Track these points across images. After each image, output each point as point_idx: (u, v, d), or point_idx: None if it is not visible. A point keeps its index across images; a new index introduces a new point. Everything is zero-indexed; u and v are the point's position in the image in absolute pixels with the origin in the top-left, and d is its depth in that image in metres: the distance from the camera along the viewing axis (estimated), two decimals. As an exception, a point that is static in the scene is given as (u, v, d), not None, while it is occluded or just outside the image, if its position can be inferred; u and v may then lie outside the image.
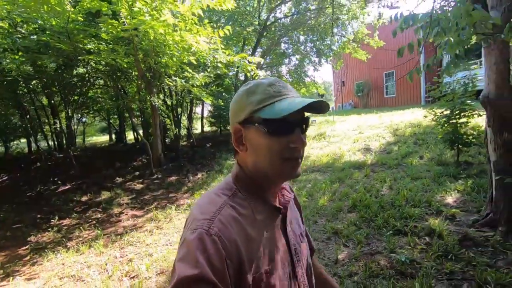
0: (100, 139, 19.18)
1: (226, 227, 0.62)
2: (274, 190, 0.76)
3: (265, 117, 0.65)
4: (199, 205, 0.68)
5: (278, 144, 0.66)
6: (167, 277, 3.32)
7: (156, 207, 5.77)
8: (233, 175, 0.75)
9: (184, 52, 4.79)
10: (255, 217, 0.69)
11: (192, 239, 0.59)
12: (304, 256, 0.81)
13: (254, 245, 0.65)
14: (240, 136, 0.71)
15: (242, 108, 0.70)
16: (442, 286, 2.62)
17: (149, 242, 4.25)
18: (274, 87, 0.69)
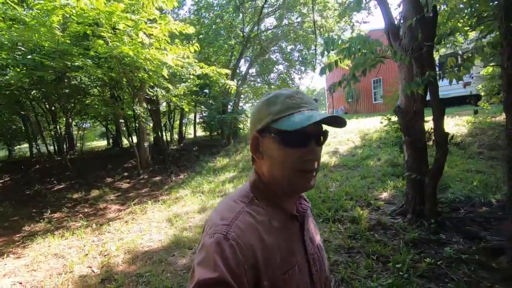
0: (99, 144, 20.04)
1: (243, 233, 0.63)
2: (291, 198, 0.76)
3: (280, 128, 0.66)
4: (218, 212, 0.70)
5: (292, 156, 0.67)
6: (132, 255, 4.05)
7: (136, 203, 6.52)
8: (250, 182, 0.76)
9: (159, 67, 5.58)
10: (272, 224, 0.69)
11: (210, 243, 0.60)
12: (322, 266, 0.81)
13: (270, 252, 0.65)
14: (257, 144, 0.72)
15: (260, 117, 0.71)
16: (339, 257, 3.32)
17: (123, 230, 5.00)
18: (293, 99, 0.70)
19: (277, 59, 17.09)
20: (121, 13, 4.91)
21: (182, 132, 13.84)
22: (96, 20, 4.95)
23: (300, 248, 0.74)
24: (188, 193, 6.70)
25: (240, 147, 10.82)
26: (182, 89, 7.14)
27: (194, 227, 4.74)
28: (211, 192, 6.50)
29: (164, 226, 4.98)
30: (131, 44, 5.29)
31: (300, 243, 0.75)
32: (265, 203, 0.72)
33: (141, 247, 4.28)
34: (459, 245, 3.31)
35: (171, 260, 3.81)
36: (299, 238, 0.76)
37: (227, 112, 11.37)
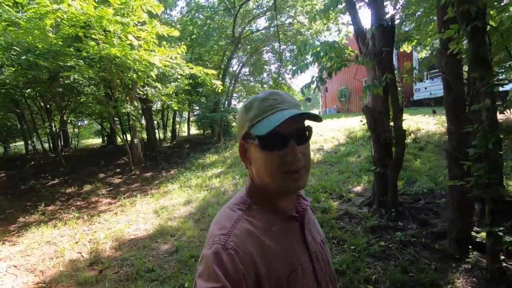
0: (94, 142, 20.28)
1: (241, 241, 0.63)
2: (288, 199, 0.75)
3: (255, 134, 0.66)
4: (216, 222, 0.70)
5: (273, 159, 0.66)
6: (119, 242, 4.38)
7: (127, 196, 6.85)
8: (246, 189, 0.76)
9: (147, 67, 5.90)
10: (271, 228, 0.69)
11: (209, 254, 0.61)
12: (326, 264, 0.81)
13: (271, 256, 0.65)
14: (244, 150, 0.73)
15: (242, 124, 0.71)
16: (305, 241, 3.68)
17: (112, 221, 5.34)
18: (267, 101, 0.69)
19: (269, 58, 17.45)
20: (111, 16, 5.22)
21: (175, 130, 14.14)
22: (88, 23, 5.26)
23: (302, 248, 0.74)
24: (176, 188, 7.04)
25: (230, 144, 11.16)
26: (171, 88, 7.48)
27: (178, 217, 5.08)
28: (198, 187, 6.84)
29: (150, 217, 5.32)
30: (120, 45, 5.60)
31: (301, 243, 0.75)
32: (262, 208, 0.72)
33: (128, 236, 4.62)
34: (412, 230, 3.68)
35: (154, 246, 4.15)
36: (300, 238, 0.76)
37: (218, 111, 11.70)
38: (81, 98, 11.21)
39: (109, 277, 3.42)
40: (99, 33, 5.62)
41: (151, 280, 3.26)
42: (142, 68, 6.01)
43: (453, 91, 2.98)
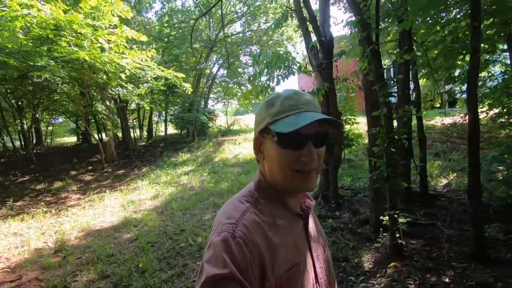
0: (70, 140, 19.97)
1: (249, 231, 0.64)
2: (295, 197, 0.77)
3: (277, 130, 0.67)
4: (224, 212, 0.71)
5: (288, 157, 0.68)
6: (84, 233, 4.70)
7: (96, 192, 7.10)
8: (255, 182, 0.77)
9: (118, 69, 6.21)
10: (276, 223, 0.71)
11: (218, 241, 0.62)
12: (325, 262, 0.83)
13: (275, 249, 0.66)
14: (259, 144, 0.75)
15: (261, 119, 0.73)
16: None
17: (80, 214, 5.62)
18: (291, 100, 0.70)
19: (247, 61, 17.93)
20: (81, 20, 5.51)
21: (151, 129, 14.33)
22: (58, 26, 5.53)
23: (304, 246, 0.76)
24: (145, 184, 7.36)
25: (204, 143, 11.55)
26: (143, 89, 7.79)
27: (143, 210, 5.45)
28: (167, 183, 7.21)
29: (117, 210, 5.65)
30: (91, 48, 5.89)
31: (304, 241, 0.77)
32: (269, 202, 0.73)
33: (94, 227, 4.95)
34: (345, 219, 4.26)
35: (117, 235, 4.52)
36: (303, 236, 0.77)
37: (193, 111, 12.04)
38: (54, 96, 11.22)
39: (72, 261, 3.77)
40: (70, 35, 5.88)
41: (110, 263, 3.64)
42: (113, 70, 6.31)
43: (369, 101, 3.58)
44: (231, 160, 8.93)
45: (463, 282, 2.64)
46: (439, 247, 3.29)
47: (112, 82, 7.03)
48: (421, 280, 2.73)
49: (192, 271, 3.26)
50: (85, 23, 5.77)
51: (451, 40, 3.44)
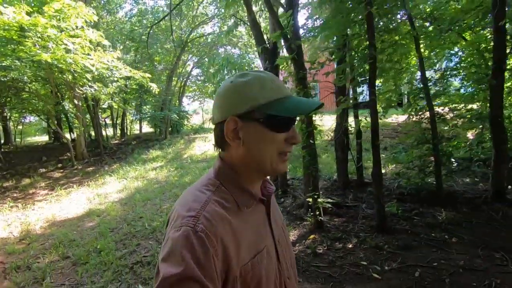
0: (41, 139, 19.58)
1: (211, 223, 0.61)
2: (258, 183, 0.77)
3: (275, 114, 0.65)
4: (183, 203, 0.67)
5: (277, 140, 0.67)
6: (49, 223, 5.04)
7: (64, 188, 7.35)
8: (215, 170, 0.74)
9: (83, 70, 6.49)
10: (240, 210, 0.69)
11: (177, 236, 0.58)
12: (287, 247, 0.83)
13: (240, 238, 0.65)
14: (234, 129, 0.68)
15: (241, 101, 0.67)
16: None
17: (46, 207, 5.92)
18: (274, 84, 0.68)
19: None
20: (44, 23, 5.78)
21: (123, 127, 14.49)
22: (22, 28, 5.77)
23: (267, 231, 0.75)
24: (113, 179, 7.69)
25: (175, 141, 11.90)
26: (111, 88, 8.07)
27: (108, 202, 5.82)
28: (134, 178, 7.57)
29: (83, 203, 5.99)
30: (56, 49, 6.16)
31: (267, 226, 0.76)
32: (231, 190, 0.70)
33: (59, 218, 5.28)
34: (287, 204, 4.87)
35: (81, 224, 4.89)
36: (266, 221, 0.76)
37: (165, 110, 12.35)
38: (23, 94, 11.18)
39: (35, 247, 4.13)
40: (35, 36, 6.12)
41: (71, 246, 4.04)
42: (79, 70, 6.59)
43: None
44: (199, 156, 9.38)
45: (361, 246, 3.29)
46: (354, 223, 3.95)
47: (79, 82, 7.29)
48: (329, 246, 3.35)
49: (144, 249, 3.74)
50: (50, 25, 6.04)
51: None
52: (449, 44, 4.94)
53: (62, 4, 6.03)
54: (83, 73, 6.51)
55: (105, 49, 6.92)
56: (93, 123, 11.17)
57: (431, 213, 4.03)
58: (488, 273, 2.62)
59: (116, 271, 3.31)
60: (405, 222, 3.88)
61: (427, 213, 4.07)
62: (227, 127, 0.68)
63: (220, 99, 0.70)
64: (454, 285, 2.49)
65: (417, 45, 4.45)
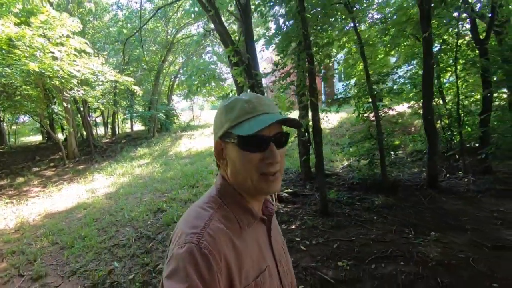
0: (35, 139, 20.03)
1: (215, 240, 0.62)
2: (258, 201, 0.77)
3: (238, 134, 0.67)
4: (186, 220, 0.68)
5: (252, 160, 0.67)
6: (41, 216, 5.63)
7: (56, 185, 7.94)
8: (217, 188, 0.75)
9: (69, 75, 7.03)
10: (241, 229, 0.70)
11: (181, 253, 0.59)
12: (287, 266, 0.84)
13: (242, 257, 0.65)
14: (221, 150, 0.73)
15: (220, 124, 0.72)
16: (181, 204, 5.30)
17: (38, 202, 6.51)
18: (251, 104, 0.70)
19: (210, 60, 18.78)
20: (32, 34, 6.31)
21: (114, 127, 15.04)
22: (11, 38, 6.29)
23: (268, 251, 0.76)
24: (101, 176, 8.28)
25: (163, 139, 12.49)
26: (98, 91, 8.63)
27: (96, 196, 6.43)
28: (121, 175, 8.17)
29: (72, 198, 6.58)
30: (44, 57, 6.68)
31: (268, 245, 0.77)
32: (233, 208, 0.71)
33: (50, 211, 5.88)
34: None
35: (69, 216, 5.50)
36: (267, 240, 0.77)
37: (152, 109, 12.90)
38: (15, 97, 11.66)
39: (28, 236, 4.73)
40: (24, 45, 6.65)
41: (60, 234, 4.65)
42: (65, 76, 7.13)
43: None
44: (184, 153, 9.97)
45: (301, 227, 3.93)
46: (303, 209, 4.59)
47: (66, 86, 7.83)
48: (275, 228, 3.99)
49: (121, 234, 4.36)
50: (37, 34, 6.56)
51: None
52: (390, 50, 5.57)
53: (47, 15, 6.55)
54: (69, 78, 7.05)
55: (90, 55, 7.44)
56: (83, 123, 11.71)
57: (371, 199, 4.67)
58: (392, 244, 3.27)
59: (96, 252, 3.93)
60: (347, 207, 4.52)
61: (368, 199, 4.72)
62: (215, 148, 0.74)
63: (214, 122, 0.77)
64: (360, 253, 3.14)
65: (362, 53, 5.06)
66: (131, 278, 3.25)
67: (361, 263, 2.94)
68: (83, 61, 7.20)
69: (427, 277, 2.62)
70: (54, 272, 3.61)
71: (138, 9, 12.15)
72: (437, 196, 4.58)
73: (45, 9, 6.74)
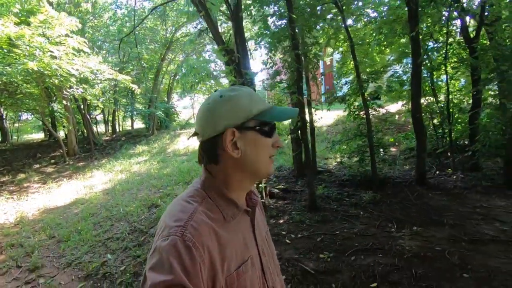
0: (37, 137, 20.28)
1: (199, 233, 0.63)
2: (243, 193, 0.79)
3: (267, 120, 0.73)
4: (170, 213, 0.69)
5: (268, 145, 0.74)
6: (40, 211, 5.80)
7: (56, 181, 8.11)
8: (201, 182, 0.76)
9: (68, 74, 7.17)
10: (226, 220, 0.71)
11: (164, 245, 0.60)
12: (271, 256, 0.86)
13: (226, 248, 0.67)
14: (232, 139, 0.72)
15: (237, 112, 0.72)
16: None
17: (38, 198, 6.68)
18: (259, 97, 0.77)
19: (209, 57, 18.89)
20: (31, 34, 6.44)
21: (114, 124, 15.23)
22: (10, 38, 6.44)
23: (252, 241, 0.78)
24: (100, 173, 8.44)
25: (162, 137, 12.64)
26: (97, 89, 8.78)
27: (93, 192, 6.58)
28: (119, 171, 8.32)
29: (71, 194, 6.75)
30: (43, 56, 6.82)
31: (252, 236, 0.79)
32: (217, 201, 0.73)
33: (49, 206, 6.04)
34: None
35: (67, 211, 5.66)
36: (250, 231, 0.79)
37: (152, 107, 13.05)
38: (17, 95, 11.85)
39: (27, 230, 4.89)
40: (24, 44, 6.79)
41: (57, 228, 4.80)
42: (64, 75, 7.27)
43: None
44: (181, 151, 10.12)
45: (289, 221, 4.05)
46: (293, 204, 4.71)
47: (65, 85, 7.98)
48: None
49: (116, 228, 4.50)
50: (37, 34, 6.70)
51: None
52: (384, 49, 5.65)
53: (46, 15, 6.68)
54: (68, 77, 7.19)
55: (88, 54, 7.59)
56: (83, 121, 11.88)
57: (360, 195, 4.78)
58: (373, 238, 3.38)
59: (91, 245, 4.08)
60: (335, 202, 4.63)
61: (357, 195, 4.82)
62: (225, 140, 0.71)
63: (210, 114, 0.73)
64: (342, 245, 3.25)
65: (352, 51, 5.15)
66: (123, 269, 3.39)
67: (342, 255, 3.06)
68: (81, 60, 7.33)
69: (403, 268, 2.74)
70: (50, 264, 3.76)
71: (137, 7, 12.27)
72: (425, 193, 4.68)
73: (44, 9, 6.89)
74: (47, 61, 6.50)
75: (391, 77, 5.99)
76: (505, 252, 2.82)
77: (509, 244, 2.96)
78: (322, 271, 2.85)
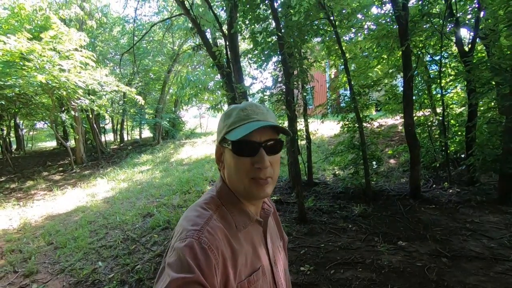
0: (51, 144, 21.00)
1: (214, 237, 0.67)
2: (254, 204, 0.81)
3: (230, 139, 0.73)
4: (188, 218, 0.73)
5: (244, 164, 0.72)
6: (43, 218, 6.01)
7: (61, 189, 8.39)
8: (216, 190, 0.80)
9: (76, 86, 7.53)
10: (238, 229, 0.75)
11: (182, 246, 0.64)
12: (282, 266, 0.88)
13: (238, 256, 0.70)
14: (220, 154, 0.79)
15: (220, 129, 0.78)
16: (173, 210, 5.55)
17: (43, 205, 6.92)
18: (245, 111, 0.75)
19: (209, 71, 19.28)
20: (42, 48, 6.83)
21: (122, 133, 15.66)
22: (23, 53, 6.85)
23: (263, 251, 0.80)
24: (104, 181, 8.68)
25: (166, 146, 12.90)
26: (104, 100, 9.16)
27: (94, 200, 6.78)
28: (121, 180, 8.54)
29: (73, 201, 6.97)
30: (52, 69, 7.20)
31: (263, 246, 0.81)
32: (230, 209, 0.76)
33: (51, 213, 6.26)
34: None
35: (68, 218, 5.85)
36: (262, 241, 0.81)
37: (158, 117, 13.41)
38: (31, 105, 12.42)
39: (28, 236, 5.09)
40: (35, 58, 7.20)
41: (56, 235, 4.98)
42: (72, 87, 7.64)
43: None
44: (184, 160, 10.29)
45: (277, 233, 4.08)
46: (285, 216, 4.74)
47: (73, 96, 8.37)
48: (252, 233, 4.16)
49: (110, 236, 4.64)
50: (48, 48, 7.10)
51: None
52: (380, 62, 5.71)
53: (56, 31, 7.08)
54: (76, 89, 7.55)
55: (95, 68, 7.96)
56: (92, 130, 12.30)
57: (351, 208, 4.78)
58: (356, 251, 3.39)
59: (85, 252, 4.22)
60: (326, 215, 4.64)
61: (348, 208, 4.82)
62: (216, 152, 0.81)
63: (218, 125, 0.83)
64: (323, 258, 3.27)
65: (345, 66, 5.23)
66: (111, 277, 3.50)
67: (322, 269, 3.08)
68: (88, 73, 7.68)
69: (380, 283, 2.74)
70: (45, 270, 3.91)
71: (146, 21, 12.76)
72: (417, 207, 4.64)
73: (56, 25, 7.31)
74: (56, 74, 6.85)
75: (386, 91, 6.02)
76: (486, 269, 2.78)
77: (492, 261, 2.92)
78: (300, 284, 2.88)
